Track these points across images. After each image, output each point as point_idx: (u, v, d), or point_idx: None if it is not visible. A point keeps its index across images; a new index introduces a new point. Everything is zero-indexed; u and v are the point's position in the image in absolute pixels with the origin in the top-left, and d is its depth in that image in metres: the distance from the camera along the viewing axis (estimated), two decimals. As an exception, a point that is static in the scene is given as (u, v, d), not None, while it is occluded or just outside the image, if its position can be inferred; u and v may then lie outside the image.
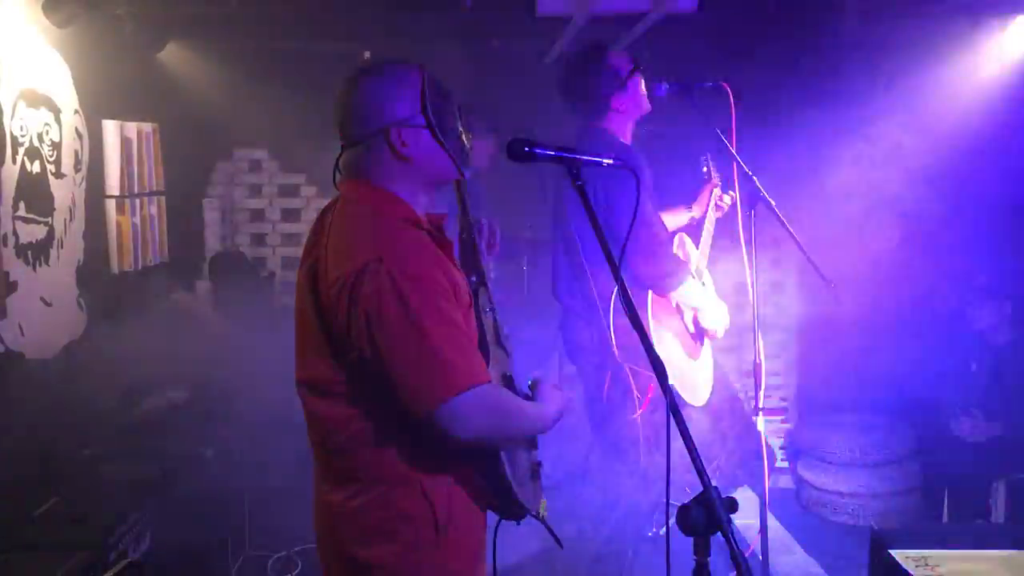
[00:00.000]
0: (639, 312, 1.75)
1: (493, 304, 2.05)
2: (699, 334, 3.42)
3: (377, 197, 1.87)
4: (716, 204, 3.58)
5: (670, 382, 3.01)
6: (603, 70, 3.22)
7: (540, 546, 3.68)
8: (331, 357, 1.80)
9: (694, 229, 3.60)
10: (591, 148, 3.11)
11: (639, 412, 3.10)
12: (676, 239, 3.45)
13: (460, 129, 1.93)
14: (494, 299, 2.06)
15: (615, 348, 3.10)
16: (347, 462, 1.86)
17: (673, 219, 3.59)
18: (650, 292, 3.16)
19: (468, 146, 1.95)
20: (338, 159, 1.93)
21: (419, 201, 1.92)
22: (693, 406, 3.26)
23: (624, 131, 3.29)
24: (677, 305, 3.34)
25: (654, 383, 3.10)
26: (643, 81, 3.29)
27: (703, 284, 3.43)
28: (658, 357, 1.64)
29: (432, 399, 1.70)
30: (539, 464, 2.08)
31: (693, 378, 3.30)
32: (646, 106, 3.32)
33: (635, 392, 3.10)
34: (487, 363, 1.90)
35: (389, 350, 1.71)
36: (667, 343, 3.21)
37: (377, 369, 1.73)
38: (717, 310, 3.36)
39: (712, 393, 3.43)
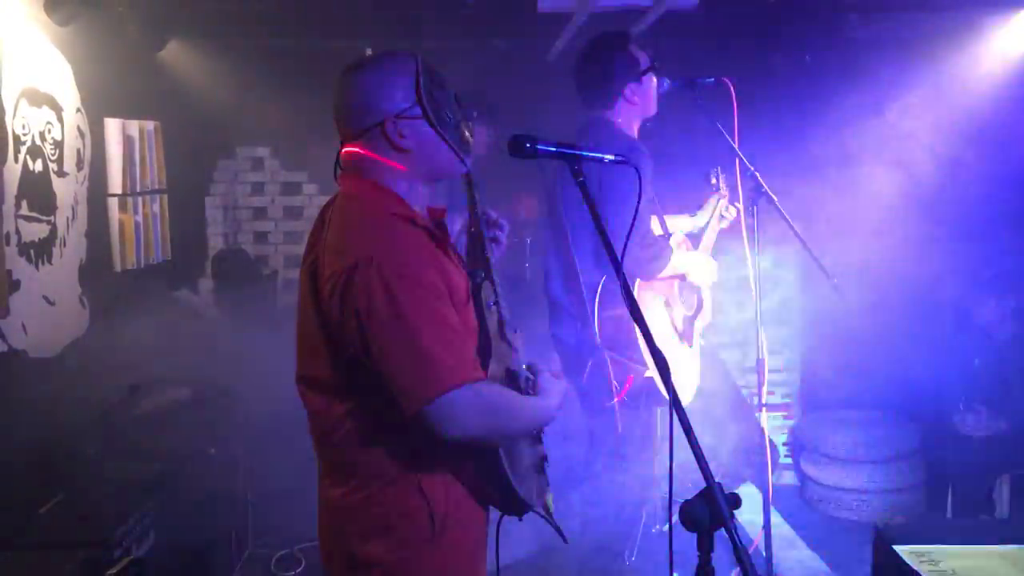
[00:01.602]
0: (626, 307, 1.75)
1: (499, 298, 2.03)
2: (686, 334, 3.41)
3: (373, 194, 1.86)
4: (721, 215, 3.57)
5: (648, 375, 3.02)
6: (623, 57, 3.22)
7: (540, 542, 3.69)
8: (329, 354, 1.80)
9: (695, 238, 3.59)
10: (595, 138, 3.13)
11: (615, 400, 3.09)
12: (677, 236, 3.44)
13: (459, 119, 1.92)
14: (501, 293, 2.05)
15: (597, 335, 3.09)
16: (345, 458, 1.86)
17: (674, 224, 3.58)
18: (638, 281, 3.14)
19: (468, 136, 1.94)
20: (338, 155, 1.93)
21: (418, 195, 1.91)
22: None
23: (630, 126, 3.28)
24: (666, 300, 3.33)
25: (634, 374, 3.09)
26: (656, 82, 3.28)
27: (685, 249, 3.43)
28: (661, 354, 1.63)
29: (420, 398, 1.69)
30: (544, 458, 2.07)
31: (674, 379, 3.27)
32: (654, 107, 3.32)
33: (612, 380, 3.09)
34: (489, 359, 1.89)
35: (378, 349, 1.71)
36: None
37: (371, 367, 1.74)
38: (704, 266, 3.37)
39: (713, 392, 3.43)
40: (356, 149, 1.88)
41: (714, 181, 3.61)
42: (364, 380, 1.77)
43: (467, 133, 1.93)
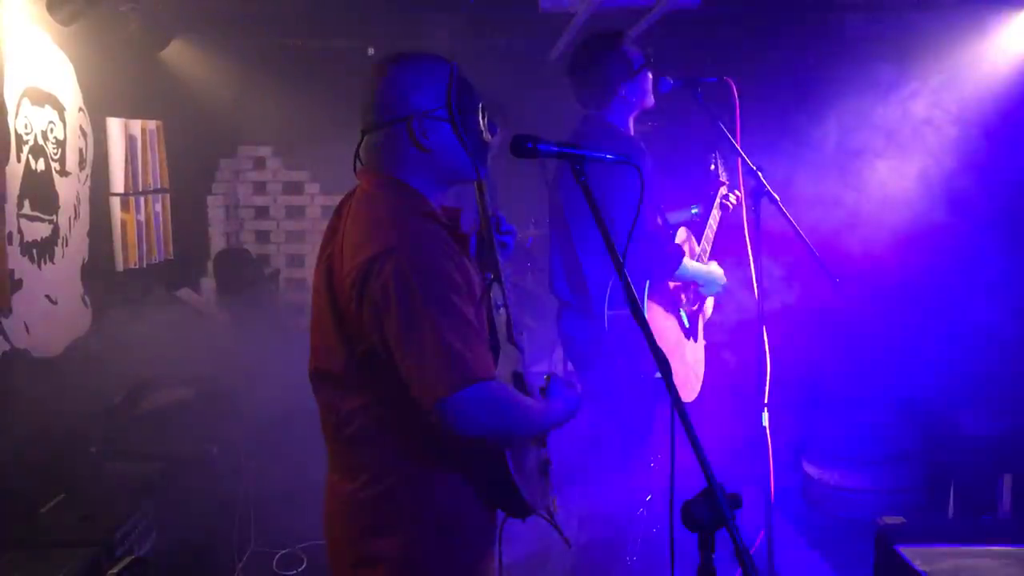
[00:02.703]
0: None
1: (507, 301, 2.04)
2: (692, 330, 3.42)
3: (393, 189, 1.87)
4: (721, 203, 3.58)
5: (657, 376, 3.02)
6: (617, 57, 3.22)
7: (542, 542, 3.69)
8: (344, 348, 1.81)
9: (697, 226, 3.59)
10: (593, 138, 3.13)
11: (627, 404, 3.10)
12: (680, 232, 3.45)
13: (481, 128, 1.93)
14: (508, 296, 2.06)
15: (607, 339, 3.10)
16: (356, 453, 1.87)
17: (676, 216, 3.59)
18: (647, 284, 3.15)
19: (488, 146, 1.96)
20: (358, 146, 1.94)
21: (434, 195, 1.92)
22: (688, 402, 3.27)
23: (626, 123, 3.29)
24: (673, 300, 3.34)
25: (644, 375, 3.09)
26: (651, 77, 3.29)
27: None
28: (660, 350, 1.63)
29: (437, 392, 1.69)
30: (548, 462, 2.08)
31: (683, 373, 3.29)
32: (650, 101, 3.32)
33: (623, 382, 3.10)
34: (497, 360, 1.90)
35: (397, 342, 1.71)
36: (657, 336, 3.20)
37: (387, 361, 1.74)
38: (714, 275, 3.39)
39: (714, 391, 3.44)
40: (378, 141, 1.89)
41: (713, 167, 3.61)
42: (379, 375, 1.77)
43: (487, 144, 1.95)
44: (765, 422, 3.17)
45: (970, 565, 2.64)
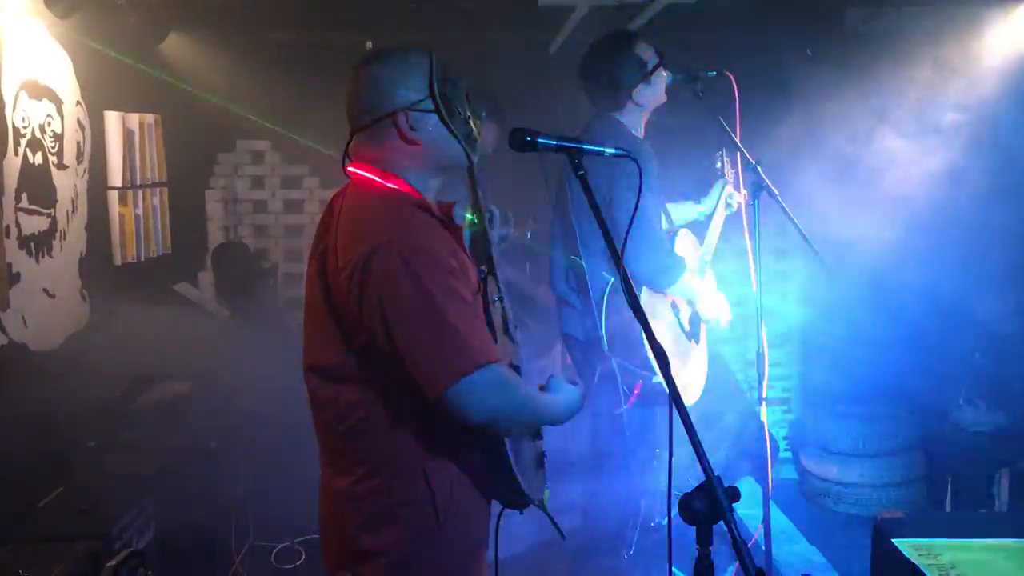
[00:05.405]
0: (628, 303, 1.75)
1: (502, 294, 2.04)
2: (694, 332, 3.41)
3: (385, 183, 1.87)
4: (726, 202, 3.55)
5: (655, 381, 3.03)
6: (630, 60, 3.18)
7: (539, 536, 3.69)
8: (340, 342, 1.81)
9: (701, 227, 3.58)
10: (600, 138, 3.12)
11: (624, 407, 3.10)
12: (679, 235, 3.43)
13: (468, 114, 1.93)
14: (503, 290, 2.06)
15: (605, 342, 3.09)
16: (352, 448, 1.86)
17: (679, 212, 3.56)
18: (644, 288, 3.14)
19: (477, 131, 1.96)
20: (347, 145, 1.94)
21: (428, 187, 1.93)
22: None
23: (638, 123, 3.27)
24: (673, 303, 3.32)
25: (642, 379, 3.10)
26: (665, 75, 3.25)
27: (703, 278, 3.41)
28: (660, 346, 1.63)
29: (446, 379, 1.69)
30: (543, 454, 2.09)
31: (684, 377, 3.28)
32: (662, 100, 3.30)
33: (621, 387, 3.10)
34: None
35: (402, 330, 1.71)
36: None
37: (387, 352, 1.73)
38: (717, 301, 3.35)
39: (712, 386, 3.44)
40: (367, 139, 1.89)
41: (719, 165, 3.59)
42: (376, 368, 1.77)
43: (475, 128, 1.95)
44: (763, 416, 3.17)
45: (968, 559, 2.64)
